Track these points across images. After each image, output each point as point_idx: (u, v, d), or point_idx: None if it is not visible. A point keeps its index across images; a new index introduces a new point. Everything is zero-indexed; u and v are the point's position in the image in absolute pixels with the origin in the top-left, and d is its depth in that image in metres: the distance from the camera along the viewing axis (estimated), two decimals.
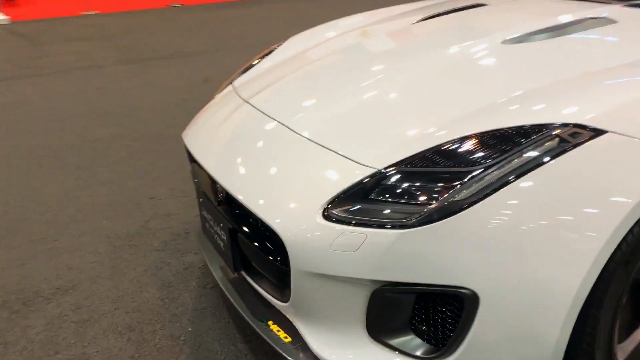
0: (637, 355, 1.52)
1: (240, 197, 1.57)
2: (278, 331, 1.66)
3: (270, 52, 2.47)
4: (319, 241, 1.38)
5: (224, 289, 1.88)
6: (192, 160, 2.12)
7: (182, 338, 1.96)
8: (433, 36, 2.20)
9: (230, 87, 2.26)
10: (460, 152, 1.38)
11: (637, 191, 1.25)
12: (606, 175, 1.28)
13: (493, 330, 1.33)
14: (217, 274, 1.96)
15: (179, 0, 10.90)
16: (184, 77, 5.58)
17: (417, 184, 1.36)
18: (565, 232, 1.26)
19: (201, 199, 1.92)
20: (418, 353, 1.43)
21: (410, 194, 1.35)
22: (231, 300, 1.83)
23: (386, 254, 1.32)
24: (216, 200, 1.80)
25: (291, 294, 1.51)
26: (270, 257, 1.56)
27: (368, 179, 1.41)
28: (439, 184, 1.33)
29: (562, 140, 1.29)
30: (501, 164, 1.30)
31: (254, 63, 2.41)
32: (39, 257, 2.51)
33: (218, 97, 2.25)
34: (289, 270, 1.47)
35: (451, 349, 1.38)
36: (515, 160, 1.30)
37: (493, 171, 1.29)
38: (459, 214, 1.28)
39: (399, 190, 1.37)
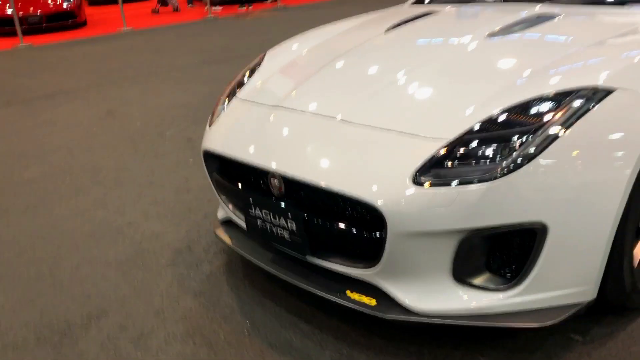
0: None
1: (327, 184, 1.78)
2: (360, 297, 1.89)
3: (255, 66, 2.67)
4: (416, 203, 1.66)
5: (287, 279, 2.05)
6: (221, 168, 2.27)
7: (246, 332, 2.09)
8: (431, 32, 2.57)
9: (236, 100, 2.41)
10: (510, 117, 1.74)
11: None
12: (624, 121, 1.72)
13: (557, 254, 1.70)
14: (270, 268, 2.12)
15: (27, 40, 10.30)
16: (83, 112, 5.41)
17: (487, 146, 1.69)
18: (605, 166, 1.68)
19: (250, 199, 2.07)
20: (497, 286, 1.76)
21: (482, 155, 1.68)
22: (299, 284, 2.01)
23: (475, 204, 1.64)
24: (279, 194, 1.97)
25: (382, 258, 1.76)
26: (359, 231, 1.79)
27: (442, 149, 1.72)
28: (505, 144, 1.68)
29: (588, 99, 1.72)
30: (552, 120, 1.68)
31: (244, 79, 2.59)
32: (47, 293, 2.44)
33: (226, 110, 2.40)
34: (384, 237, 1.72)
35: (524, 277, 1.73)
36: (556, 117, 1.69)
37: (547, 127, 1.67)
38: (529, 163, 1.63)
39: (471, 154, 1.70)
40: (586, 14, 2.51)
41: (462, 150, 1.72)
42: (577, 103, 1.71)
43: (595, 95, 1.73)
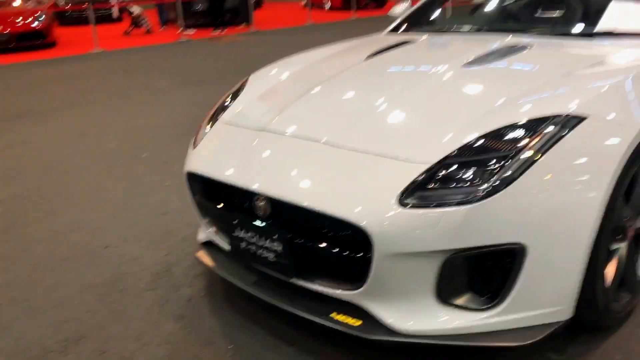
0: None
1: (312, 205, 1.81)
2: (345, 319, 1.91)
3: (238, 90, 2.69)
4: (402, 225, 1.70)
5: (271, 301, 2.05)
6: (204, 190, 2.28)
7: (230, 355, 2.08)
8: (411, 60, 2.65)
9: (220, 123, 2.44)
10: (489, 144, 1.81)
11: (616, 155, 1.79)
12: (595, 147, 1.80)
13: (536, 274, 1.75)
14: (253, 291, 2.12)
15: None
16: (55, 133, 5.35)
17: (469, 170, 1.75)
18: (578, 190, 1.75)
19: (235, 221, 2.08)
20: (478, 306, 1.80)
21: (463, 179, 1.74)
22: (284, 307, 2.02)
23: (459, 226, 1.68)
24: (264, 216, 1.99)
25: (369, 279, 1.79)
26: (345, 252, 1.82)
27: (425, 172, 1.77)
28: (485, 168, 1.74)
29: (563, 125, 1.79)
30: (528, 146, 1.75)
31: (226, 103, 2.61)
32: (21, 318, 2.39)
33: (210, 133, 2.41)
34: (370, 257, 1.75)
35: (504, 297, 1.77)
36: (533, 142, 1.76)
37: (524, 152, 1.74)
38: (508, 187, 1.69)
39: (453, 177, 1.75)
40: (555, 45, 2.62)
41: (443, 173, 1.77)
42: (551, 130, 1.79)
43: (569, 122, 1.81)
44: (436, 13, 3.51)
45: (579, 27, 2.87)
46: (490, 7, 3.56)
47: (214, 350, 2.11)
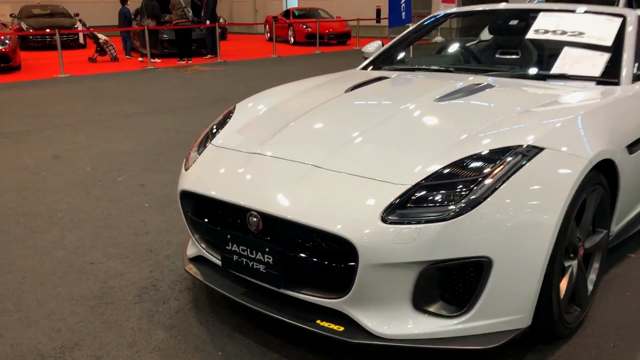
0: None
1: (304, 220, 2.02)
2: (329, 325, 2.10)
3: (226, 118, 2.90)
4: (384, 239, 1.93)
5: (260, 310, 2.23)
6: (195, 209, 2.46)
7: None
8: (388, 94, 2.92)
9: (212, 147, 2.63)
10: (461, 169, 2.06)
11: (569, 183, 2.07)
12: (550, 175, 2.08)
13: (500, 285, 2.00)
14: (242, 300, 2.30)
15: None
16: (28, 156, 5.40)
17: (443, 191, 2.00)
18: (536, 212, 2.01)
19: (228, 236, 2.27)
20: (449, 313, 2.03)
21: (437, 200, 1.99)
22: (272, 315, 2.19)
23: (434, 241, 1.92)
24: (256, 230, 2.18)
25: (353, 287, 2.00)
26: (332, 263, 2.03)
27: (403, 194, 2.01)
28: (458, 190, 1.99)
29: (524, 155, 2.07)
30: (493, 172, 2.01)
31: (214, 130, 2.81)
32: (14, 327, 2.48)
33: (202, 156, 2.60)
34: (355, 268, 1.97)
35: (472, 305, 2.01)
36: (499, 168, 2.02)
37: (490, 178, 2.00)
38: (477, 206, 1.95)
39: (428, 198, 2.00)
40: (514, 85, 2.95)
41: (419, 195, 2.01)
42: (512, 159, 2.06)
43: (529, 152, 2.09)
44: (405, 52, 3.82)
45: (535, 70, 3.21)
46: (454, 49, 3.91)
47: (204, 357, 2.26)
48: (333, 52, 16.99)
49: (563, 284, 2.27)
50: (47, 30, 15.66)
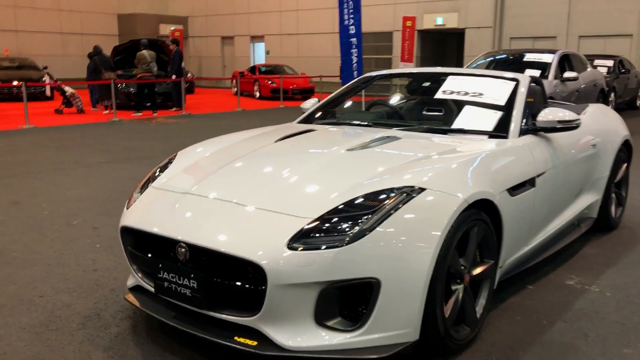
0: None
1: (222, 248, 2.38)
2: (245, 340, 2.43)
3: (168, 163, 3.28)
4: (289, 263, 2.29)
5: (187, 330, 2.54)
6: (134, 243, 2.80)
7: None
8: (309, 144, 3.35)
9: (151, 189, 2.99)
10: (356, 204, 2.47)
11: (445, 217, 2.48)
12: (431, 211, 2.49)
13: (389, 302, 2.37)
14: (173, 323, 2.61)
15: None
16: None
17: (340, 223, 2.39)
18: (418, 241, 2.41)
19: (160, 265, 2.60)
20: (346, 327, 2.38)
21: (336, 229, 2.37)
22: (197, 334, 2.51)
23: (330, 264, 2.29)
24: (184, 260, 2.53)
25: (263, 306, 2.34)
26: (245, 286, 2.38)
27: (308, 224, 2.39)
28: (351, 221, 2.38)
29: (407, 194, 2.49)
30: (381, 208, 2.41)
31: (156, 174, 3.18)
32: None
33: (142, 196, 2.96)
34: (265, 289, 2.32)
35: (365, 320, 2.37)
36: (387, 204, 2.43)
37: (378, 212, 2.40)
38: (366, 236, 2.34)
39: (329, 228, 2.38)
40: (420, 138, 3.41)
41: (322, 226, 2.40)
42: (399, 197, 2.48)
43: (412, 192, 2.51)
44: (335, 108, 4.30)
45: (438, 125, 3.69)
46: (375, 108, 4.44)
47: None
48: (296, 107, 17.59)
49: (450, 305, 2.64)
50: (15, 82, 15.96)
